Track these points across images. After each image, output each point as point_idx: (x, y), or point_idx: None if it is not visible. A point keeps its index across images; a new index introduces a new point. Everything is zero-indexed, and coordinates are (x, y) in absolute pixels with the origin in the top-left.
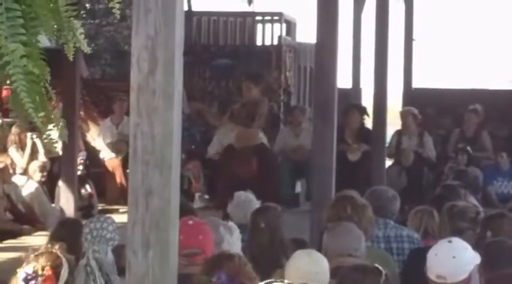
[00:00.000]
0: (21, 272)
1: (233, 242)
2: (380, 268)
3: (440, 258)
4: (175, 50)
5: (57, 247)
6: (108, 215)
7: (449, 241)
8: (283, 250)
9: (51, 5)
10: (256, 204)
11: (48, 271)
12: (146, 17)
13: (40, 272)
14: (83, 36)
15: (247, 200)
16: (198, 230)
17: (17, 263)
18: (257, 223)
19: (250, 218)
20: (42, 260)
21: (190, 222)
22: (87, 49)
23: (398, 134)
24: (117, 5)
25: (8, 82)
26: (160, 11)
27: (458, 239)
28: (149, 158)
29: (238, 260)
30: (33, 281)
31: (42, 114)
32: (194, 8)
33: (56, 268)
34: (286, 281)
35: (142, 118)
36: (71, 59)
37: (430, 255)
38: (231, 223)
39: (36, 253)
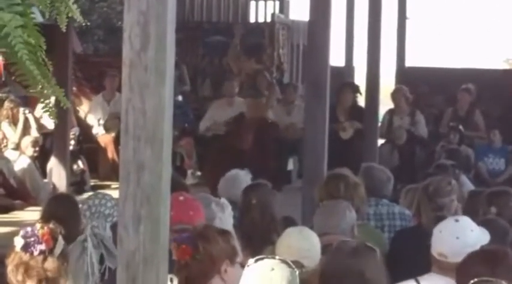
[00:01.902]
0: (20, 232)
1: (225, 218)
2: (371, 245)
3: (444, 236)
4: (168, 25)
5: (51, 224)
6: (105, 192)
7: (456, 220)
8: (274, 227)
9: None
10: (248, 181)
11: (47, 232)
12: None
13: (40, 230)
14: (75, 6)
15: (238, 177)
16: (188, 206)
17: (9, 238)
18: (249, 199)
19: (242, 195)
20: (40, 224)
21: (181, 198)
22: (80, 19)
23: (390, 113)
24: None
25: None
26: None
27: (466, 218)
28: (140, 133)
29: (211, 231)
30: (31, 238)
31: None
32: None
33: (53, 234)
34: (277, 257)
35: (134, 94)
36: (64, 30)
37: (435, 231)
38: (223, 200)
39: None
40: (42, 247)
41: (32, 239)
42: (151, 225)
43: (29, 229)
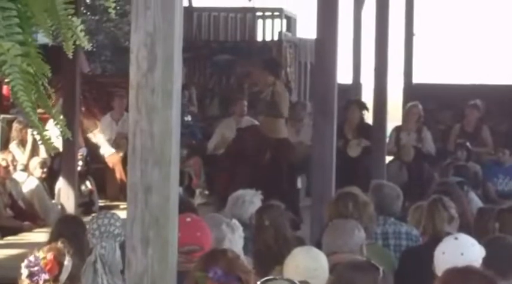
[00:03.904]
0: (24, 261)
1: (235, 240)
2: (377, 264)
3: (448, 256)
4: (175, 47)
5: (59, 242)
6: (112, 211)
7: (456, 238)
8: (288, 248)
9: (48, 3)
10: (255, 202)
11: (50, 260)
12: (145, 14)
13: (42, 260)
14: (83, 33)
15: (246, 198)
16: (196, 227)
17: (18, 259)
18: (261, 220)
19: (255, 216)
20: (45, 250)
21: (188, 219)
22: (87, 45)
23: (397, 130)
24: (113, 5)
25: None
26: (160, 8)
27: (464, 235)
28: (148, 155)
29: (231, 254)
30: (35, 268)
31: (41, 111)
32: (195, 4)
33: (59, 258)
34: (285, 278)
35: (142, 116)
36: (70, 57)
37: (438, 254)
38: (234, 221)
39: (37, 248)
40: (46, 276)
41: (36, 269)
42: (160, 247)
43: (32, 258)
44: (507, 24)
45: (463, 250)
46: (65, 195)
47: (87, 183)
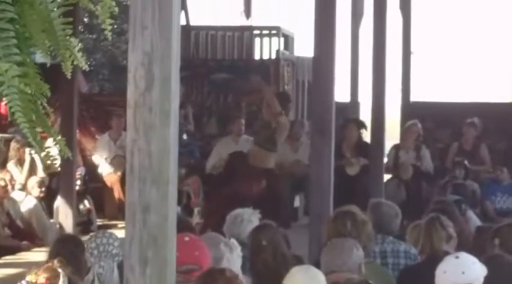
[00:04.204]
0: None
1: (233, 259)
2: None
3: (450, 275)
4: (172, 66)
5: (55, 261)
6: (110, 231)
7: (457, 257)
8: (286, 267)
9: (46, 24)
10: (253, 220)
11: (42, 282)
12: (143, 33)
13: (34, 282)
14: (80, 53)
15: (243, 217)
16: (194, 246)
17: (17, 279)
18: (259, 240)
19: (251, 236)
20: (39, 272)
21: (186, 238)
22: (85, 66)
23: (395, 148)
24: (109, 27)
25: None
26: (157, 28)
27: (465, 254)
28: (146, 174)
29: (229, 274)
30: None
31: (40, 130)
32: (192, 23)
33: (52, 280)
34: None
35: (139, 135)
36: (69, 77)
37: (439, 273)
38: (232, 240)
39: (34, 267)
40: None
41: None
42: (158, 267)
43: (24, 282)
44: (504, 42)
45: (464, 268)
46: (63, 214)
47: (86, 202)
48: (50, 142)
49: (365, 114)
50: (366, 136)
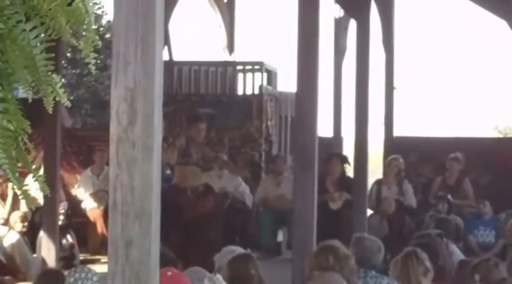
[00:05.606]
0: None
1: None
2: None
3: None
4: (155, 102)
5: None
6: (89, 266)
7: None
8: None
9: (29, 60)
10: None
11: None
12: (125, 69)
13: None
14: (62, 89)
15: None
16: (177, 281)
17: None
18: (248, 269)
19: (239, 266)
20: None
21: (169, 273)
22: (67, 102)
23: (378, 183)
24: (93, 61)
25: None
26: (140, 64)
27: None
28: (129, 209)
29: None
30: None
31: (20, 165)
32: (175, 58)
33: None
34: None
35: (122, 170)
36: (50, 112)
37: None
38: (217, 276)
39: None
40: None
41: None
42: None
43: None
44: (486, 78)
45: None
46: (46, 249)
47: (68, 236)
48: (30, 178)
49: (348, 149)
50: (349, 171)
